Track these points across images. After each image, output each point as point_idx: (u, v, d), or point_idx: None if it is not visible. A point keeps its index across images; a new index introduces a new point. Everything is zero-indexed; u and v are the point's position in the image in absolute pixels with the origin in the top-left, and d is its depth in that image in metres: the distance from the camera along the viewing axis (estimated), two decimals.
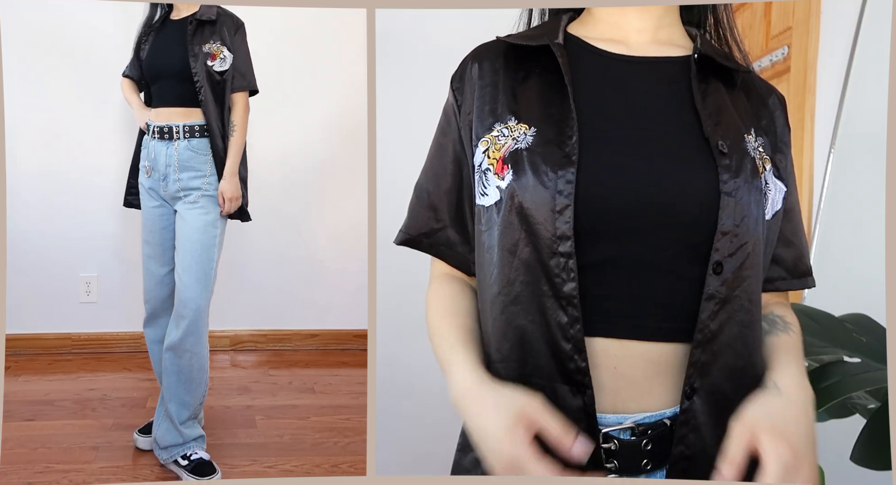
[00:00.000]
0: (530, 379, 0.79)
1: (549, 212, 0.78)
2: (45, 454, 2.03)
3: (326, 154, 2.94)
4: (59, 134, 2.81)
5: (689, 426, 0.78)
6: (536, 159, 0.80)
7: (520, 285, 0.80)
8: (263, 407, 2.41)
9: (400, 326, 1.63)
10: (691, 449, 0.78)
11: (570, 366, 0.77)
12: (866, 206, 1.59)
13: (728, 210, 0.78)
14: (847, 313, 1.29)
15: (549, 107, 0.83)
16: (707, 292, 0.78)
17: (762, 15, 2.07)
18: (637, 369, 0.78)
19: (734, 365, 0.80)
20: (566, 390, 0.78)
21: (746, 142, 0.83)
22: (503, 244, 0.81)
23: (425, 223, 0.93)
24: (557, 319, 0.77)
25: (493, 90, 0.88)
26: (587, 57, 0.88)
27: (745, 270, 0.79)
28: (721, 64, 0.87)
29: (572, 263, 0.77)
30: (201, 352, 1.99)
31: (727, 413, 0.77)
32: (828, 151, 1.74)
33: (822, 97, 1.78)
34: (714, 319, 0.78)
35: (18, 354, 2.78)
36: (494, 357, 0.82)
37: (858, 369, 1.14)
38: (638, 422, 0.79)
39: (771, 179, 0.86)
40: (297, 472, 2.02)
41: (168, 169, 1.99)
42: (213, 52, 1.97)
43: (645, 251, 0.78)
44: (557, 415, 0.75)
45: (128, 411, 2.34)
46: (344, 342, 2.98)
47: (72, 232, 2.84)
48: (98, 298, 2.88)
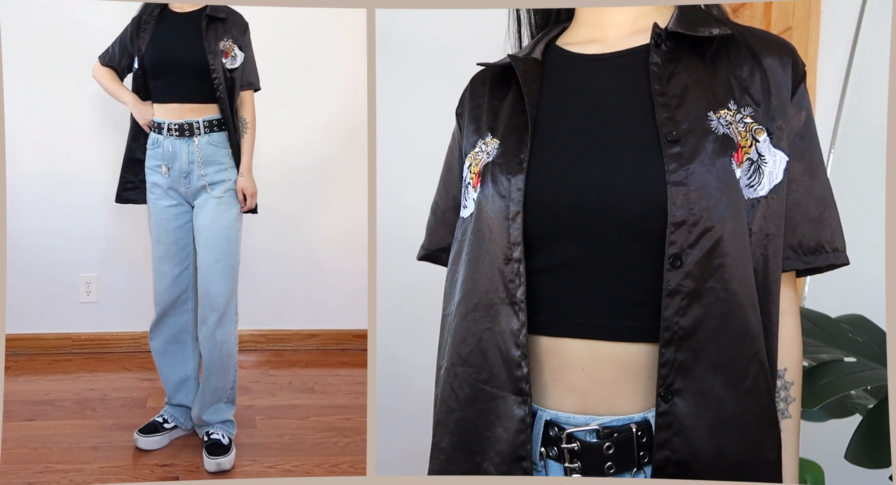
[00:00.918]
0: (486, 385, 0.81)
1: (504, 219, 0.80)
2: (45, 454, 2.03)
3: (326, 154, 2.94)
4: (58, 134, 2.81)
5: (672, 430, 0.76)
6: (496, 170, 0.83)
7: (480, 293, 0.82)
8: (263, 407, 2.41)
9: (400, 326, 1.63)
10: (679, 453, 0.76)
11: (517, 373, 0.79)
12: (866, 206, 1.59)
13: (677, 200, 0.75)
14: (844, 314, 1.30)
15: (515, 118, 0.86)
16: (668, 288, 0.75)
17: (762, 15, 2.07)
18: (605, 370, 0.78)
19: (719, 360, 0.77)
20: (513, 400, 0.79)
21: (714, 119, 0.79)
22: (470, 253, 0.84)
23: (442, 238, 0.97)
24: (511, 325, 0.79)
25: (479, 111, 0.92)
26: (562, 64, 0.89)
27: (715, 259, 0.76)
28: (693, 36, 0.82)
29: (522, 268, 0.78)
30: (230, 340, 2.06)
31: (723, 413, 0.76)
32: (828, 151, 1.74)
33: (822, 97, 1.78)
34: (685, 315, 0.75)
35: (18, 354, 2.78)
36: (454, 360, 0.84)
37: (855, 368, 1.15)
38: (604, 425, 0.79)
39: (767, 150, 0.81)
40: (297, 472, 2.02)
41: (191, 166, 1.99)
42: (227, 50, 1.99)
43: (603, 251, 0.78)
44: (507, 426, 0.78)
45: (128, 411, 2.34)
46: (344, 342, 2.98)
47: (72, 232, 2.84)
48: (98, 298, 2.88)
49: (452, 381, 0.84)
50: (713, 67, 0.83)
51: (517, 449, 0.79)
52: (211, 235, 2.00)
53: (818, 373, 1.15)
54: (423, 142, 1.00)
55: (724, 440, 0.77)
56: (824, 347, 1.19)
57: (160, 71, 2.00)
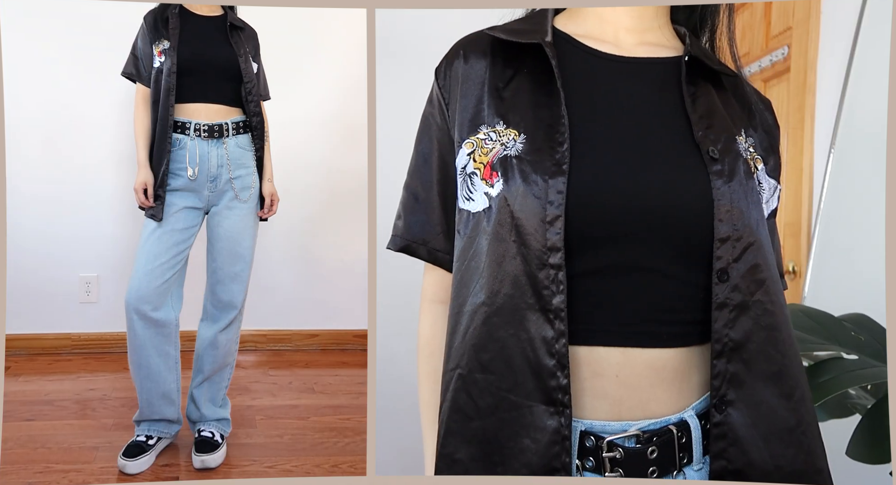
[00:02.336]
0: (509, 394, 0.77)
1: (540, 222, 0.76)
2: (45, 454, 2.03)
3: (326, 154, 2.94)
4: (59, 134, 2.81)
5: (728, 440, 0.77)
6: (526, 168, 0.77)
7: (503, 297, 0.77)
8: (263, 407, 2.41)
9: (400, 326, 1.63)
10: (735, 463, 0.77)
11: (552, 383, 0.75)
12: (866, 206, 1.59)
13: (723, 216, 0.76)
14: (846, 313, 1.30)
15: (538, 110, 0.81)
16: (717, 301, 0.76)
17: (762, 15, 2.07)
18: (640, 376, 0.77)
19: (770, 371, 0.78)
20: (543, 411, 0.76)
21: (738, 143, 0.82)
22: (491, 253, 0.78)
23: (422, 229, 0.90)
24: (542, 333, 0.75)
25: (479, 89, 0.85)
26: (576, 55, 0.85)
27: (759, 274, 0.78)
28: (710, 66, 0.85)
29: (562, 276, 0.75)
30: (233, 339, 2.10)
31: (777, 422, 0.77)
32: (828, 151, 1.74)
33: (822, 97, 1.78)
34: (734, 327, 0.77)
35: (18, 354, 2.78)
36: (473, 367, 0.79)
37: (855, 365, 1.15)
38: (643, 429, 0.77)
39: (764, 178, 0.85)
40: (297, 472, 2.02)
41: (220, 169, 1.98)
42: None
43: (641, 258, 0.76)
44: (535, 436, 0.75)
45: (128, 411, 2.34)
46: (344, 342, 2.98)
47: (72, 232, 2.84)
48: (98, 298, 2.88)
49: (470, 388, 0.79)
50: (722, 98, 0.87)
51: (550, 461, 0.76)
52: (236, 242, 2.03)
53: (819, 370, 1.15)
54: None
55: (779, 450, 0.78)
56: (825, 344, 1.19)
57: (190, 70, 1.95)
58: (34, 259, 2.78)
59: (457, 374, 0.81)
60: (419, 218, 0.90)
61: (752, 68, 2.08)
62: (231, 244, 2.02)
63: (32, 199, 2.77)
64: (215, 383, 2.11)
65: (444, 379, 0.83)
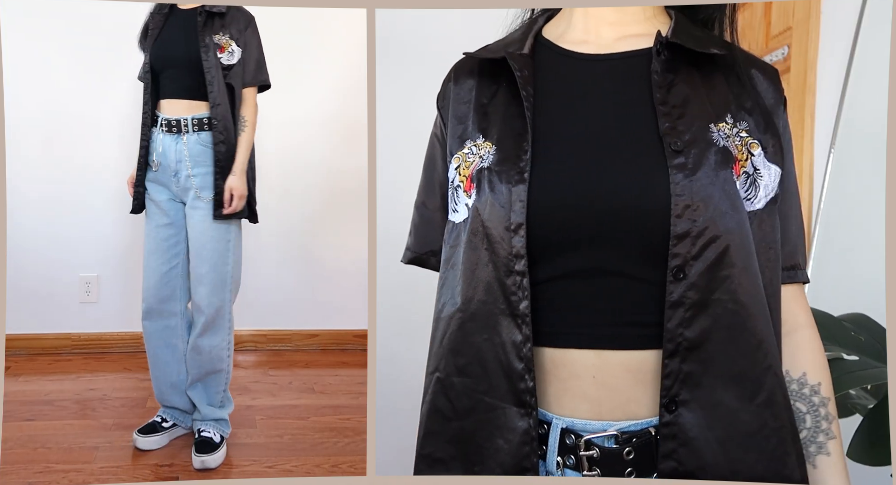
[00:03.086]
0: (484, 396, 0.79)
1: (505, 230, 0.77)
2: (45, 454, 2.03)
3: (326, 154, 2.94)
4: (60, 134, 2.81)
5: (678, 441, 0.76)
6: (494, 178, 0.80)
7: (477, 303, 0.79)
8: (263, 407, 2.41)
9: (400, 326, 1.63)
10: (686, 465, 0.76)
11: (521, 385, 0.77)
12: (866, 206, 1.59)
13: (681, 212, 0.75)
14: (846, 313, 1.30)
15: (510, 121, 0.83)
16: (670, 300, 0.75)
17: (762, 15, 2.07)
18: (617, 377, 0.77)
19: (731, 372, 0.76)
20: (515, 412, 0.78)
21: (714, 132, 0.79)
22: (466, 261, 0.81)
23: (431, 240, 0.94)
24: (512, 337, 0.77)
25: (467, 108, 0.88)
26: (554, 60, 0.86)
27: (721, 271, 0.75)
28: (692, 50, 0.83)
29: (526, 282, 0.76)
30: (220, 345, 2.03)
31: (737, 426, 0.76)
32: (828, 151, 1.74)
33: (822, 97, 1.78)
34: (690, 326, 0.75)
35: (18, 354, 2.78)
36: (450, 371, 0.82)
37: (856, 366, 1.15)
38: (622, 430, 0.77)
39: (762, 164, 0.82)
40: (297, 472, 2.02)
41: (179, 165, 1.96)
42: (222, 45, 1.95)
43: (604, 261, 0.76)
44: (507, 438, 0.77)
45: (128, 411, 2.34)
46: (344, 342, 2.98)
47: (72, 232, 2.84)
48: (98, 298, 2.88)
49: (448, 391, 0.82)
50: (710, 81, 0.84)
51: (521, 461, 0.78)
52: (201, 244, 1.96)
53: None
54: (423, 142, 0.99)
55: (739, 455, 0.76)
56: (826, 345, 1.19)
57: (160, 66, 1.98)
58: (34, 259, 2.78)
59: (435, 377, 0.83)
60: (428, 231, 0.94)
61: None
62: (195, 245, 1.98)
63: (32, 199, 2.78)
64: (209, 386, 2.08)
65: (425, 383, 0.86)
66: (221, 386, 2.09)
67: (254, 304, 2.94)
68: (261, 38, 2.03)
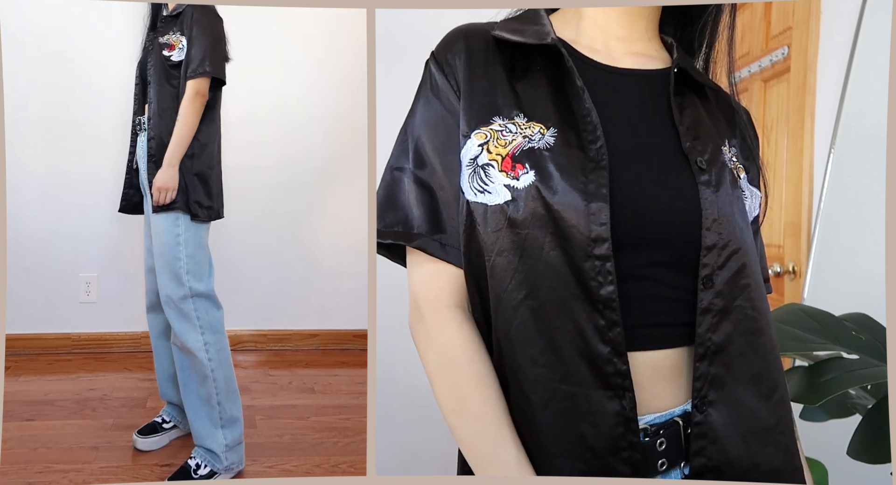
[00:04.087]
0: (561, 384, 0.77)
1: (584, 214, 0.76)
2: (45, 454, 2.03)
3: (326, 154, 2.94)
4: (60, 134, 2.81)
5: (708, 438, 0.79)
6: (563, 161, 0.78)
7: (546, 290, 0.77)
8: (263, 407, 2.41)
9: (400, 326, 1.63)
10: (714, 461, 0.79)
11: (609, 369, 0.76)
12: (866, 205, 1.59)
13: (710, 225, 0.79)
14: (847, 313, 1.30)
15: (562, 107, 0.82)
16: (701, 307, 0.79)
17: (762, 15, 2.07)
18: (642, 376, 0.78)
19: (749, 373, 0.81)
20: (601, 395, 0.76)
21: (723, 153, 0.85)
22: (525, 247, 0.78)
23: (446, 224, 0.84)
24: (594, 322, 0.76)
25: (487, 82, 0.84)
26: (576, 64, 0.86)
27: (742, 279, 0.81)
28: (695, 79, 0.88)
29: (610, 266, 0.75)
30: (194, 346, 1.93)
31: (754, 422, 0.80)
32: (828, 151, 1.74)
33: (822, 97, 1.79)
34: (716, 331, 0.80)
35: (18, 354, 2.78)
36: (522, 362, 0.78)
37: (856, 365, 1.15)
38: (650, 423, 0.79)
39: (746, 187, 0.88)
40: (297, 472, 2.02)
41: (140, 162, 2.00)
42: (172, 43, 1.92)
43: (641, 265, 0.78)
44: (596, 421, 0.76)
45: (128, 411, 2.34)
46: (344, 342, 2.98)
47: (72, 232, 2.84)
48: (98, 298, 2.88)
49: (522, 384, 0.78)
50: (708, 110, 0.90)
51: (615, 441, 0.76)
52: (154, 238, 1.96)
53: (820, 370, 1.15)
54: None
55: (758, 449, 0.81)
56: (825, 343, 1.19)
57: (138, 73, 2.05)
58: (34, 259, 2.78)
59: (508, 370, 0.80)
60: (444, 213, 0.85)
61: (752, 68, 2.08)
62: (152, 240, 1.98)
63: (32, 199, 2.78)
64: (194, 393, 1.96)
65: (499, 377, 0.82)
66: (207, 396, 1.96)
67: (254, 304, 2.95)
68: (217, 31, 1.96)
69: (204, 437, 1.94)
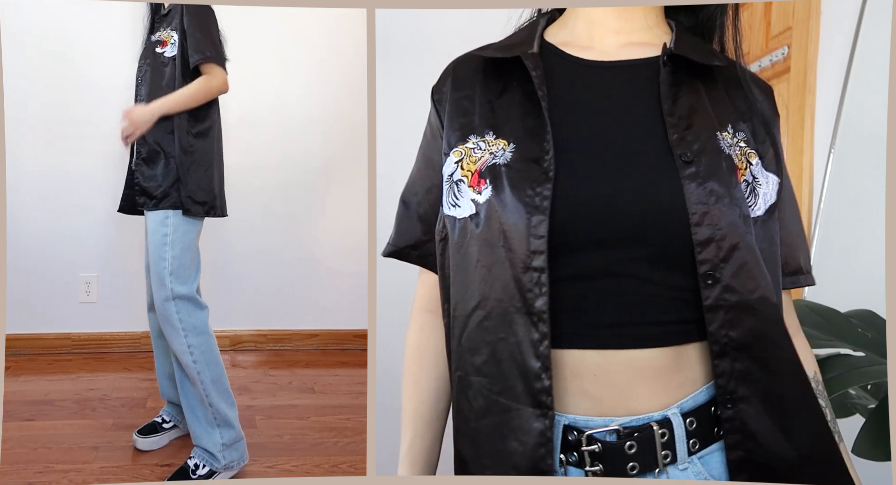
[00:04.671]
0: (499, 397, 0.79)
1: (525, 228, 0.77)
2: (45, 454, 2.03)
3: (326, 154, 2.94)
4: (60, 134, 2.81)
5: (742, 433, 0.78)
6: (514, 175, 0.80)
7: (494, 302, 0.79)
8: (263, 407, 2.41)
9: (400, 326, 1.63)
10: (754, 455, 0.79)
11: (537, 385, 0.77)
12: (866, 205, 1.59)
13: (699, 220, 0.77)
14: (853, 309, 1.30)
15: (526, 119, 0.83)
16: (707, 304, 0.77)
17: (762, 15, 2.07)
18: (620, 375, 0.78)
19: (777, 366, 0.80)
20: (530, 414, 0.77)
21: (720, 140, 0.82)
22: (482, 259, 0.80)
23: (412, 235, 0.95)
24: (529, 336, 0.77)
25: (469, 102, 0.88)
26: (560, 65, 0.87)
27: (751, 271, 0.79)
28: (696, 61, 0.85)
29: (544, 278, 0.76)
30: (179, 349, 1.91)
31: (789, 411, 0.80)
32: (828, 151, 1.74)
33: (822, 97, 1.78)
34: (734, 328, 0.77)
35: (18, 354, 2.78)
36: (468, 370, 0.82)
37: (862, 362, 1.15)
38: (623, 425, 0.78)
39: (760, 173, 0.84)
40: (297, 472, 2.02)
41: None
42: (164, 40, 1.91)
43: (618, 263, 0.77)
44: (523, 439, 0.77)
45: (128, 411, 2.34)
46: (344, 342, 2.98)
47: (72, 232, 2.84)
48: (98, 298, 2.88)
49: (467, 390, 0.82)
50: (712, 92, 0.86)
51: (537, 463, 0.77)
52: (146, 237, 1.95)
53: (825, 367, 1.14)
54: None
55: (798, 441, 0.80)
56: (831, 340, 1.19)
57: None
58: (34, 259, 2.78)
59: (457, 377, 0.83)
60: (411, 225, 0.95)
61: (752, 68, 2.08)
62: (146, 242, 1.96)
63: (32, 199, 2.78)
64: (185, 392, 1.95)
65: (451, 381, 0.86)
66: (200, 397, 1.94)
67: (254, 304, 2.95)
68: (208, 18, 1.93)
69: (200, 437, 1.95)
